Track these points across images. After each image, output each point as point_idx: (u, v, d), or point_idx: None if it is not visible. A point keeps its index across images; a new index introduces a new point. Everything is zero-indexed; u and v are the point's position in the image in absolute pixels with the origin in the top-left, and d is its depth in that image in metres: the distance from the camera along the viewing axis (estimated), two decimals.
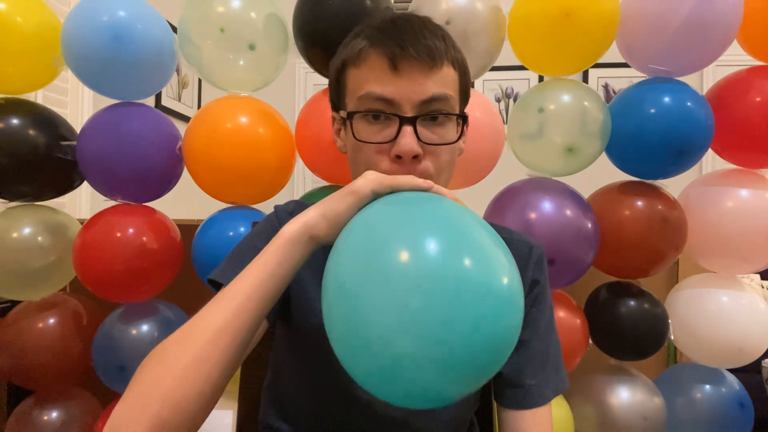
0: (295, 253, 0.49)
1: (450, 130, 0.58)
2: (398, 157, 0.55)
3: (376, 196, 0.50)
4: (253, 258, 0.53)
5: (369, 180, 0.50)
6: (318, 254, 0.61)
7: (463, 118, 0.59)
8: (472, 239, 0.42)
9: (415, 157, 0.55)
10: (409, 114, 0.55)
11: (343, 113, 0.60)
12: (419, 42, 0.54)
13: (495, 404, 0.68)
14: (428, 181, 0.50)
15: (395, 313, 0.38)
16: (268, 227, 0.64)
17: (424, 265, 0.39)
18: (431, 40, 0.55)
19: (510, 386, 0.63)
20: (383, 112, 0.55)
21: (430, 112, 0.55)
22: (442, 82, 0.56)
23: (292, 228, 0.50)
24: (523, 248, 0.67)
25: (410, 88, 0.54)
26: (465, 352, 0.38)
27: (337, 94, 0.62)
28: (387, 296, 0.39)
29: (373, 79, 0.55)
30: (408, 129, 0.54)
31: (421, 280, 0.39)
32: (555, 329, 0.67)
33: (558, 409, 1.12)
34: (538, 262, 0.67)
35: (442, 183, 0.59)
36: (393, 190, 0.49)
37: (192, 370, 0.44)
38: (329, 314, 0.43)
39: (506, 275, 0.41)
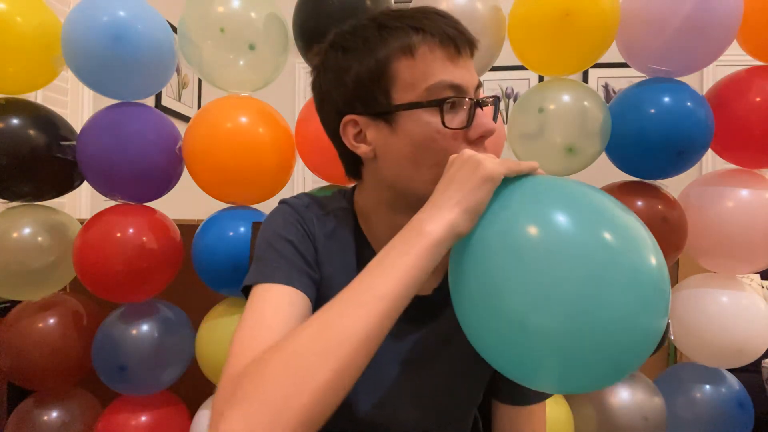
0: (439, 255, 0.46)
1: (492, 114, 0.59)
2: (480, 138, 0.55)
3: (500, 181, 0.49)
4: (292, 252, 0.54)
5: (499, 164, 0.48)
6: (346, 249, 0.60)
7: (496, 104, 0.61)
8: (609, 213, 0.43)
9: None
10: (474, 98, 0.56)
11: (384, 108, 0.55)
12: (461, 27, 0.56)
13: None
14: (534, 162, 0.51)
15: (531, 290, 0.39)
16: (290, 220, 0.60)
17: (563, 238, 0.40)
18: (464, 24, 0.57)
19: (507, 381, 0.62)
20: (464, 96, 0.54)
21: (480, 98, 0.57)
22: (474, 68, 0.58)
23: (437, 229, 0.46)
24: None
25: (471, 73, 0.56)
26: (603, 342, 0.38)
27: (368, 94, 0.56)
28: (522, 273, 0.39)
29: (441, 68, 0.54)
30: (484, 111, 0.55)
31: (557, 254, 0.39)
32: None
33: (558, 409, 1.12)
34: None
35: None
36: (519, 173, 0.49)
37: (333, 384, 0.40)
38: (465, 284, 0.45)
39: (654, 254, 0.41)
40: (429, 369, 0.60)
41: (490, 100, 0.58)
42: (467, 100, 0.54)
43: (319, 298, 0.58)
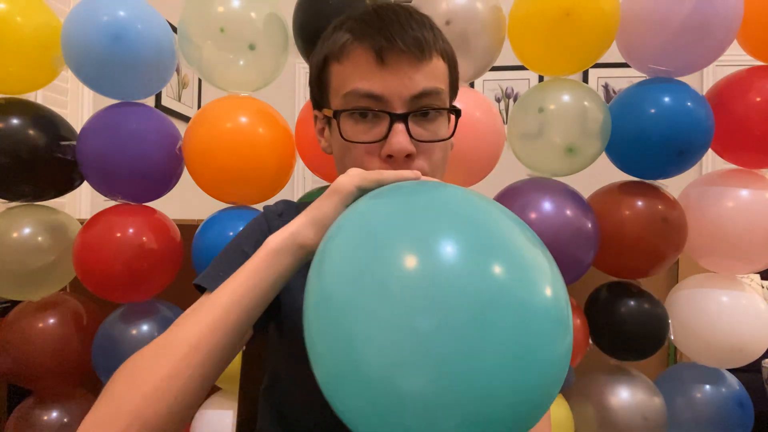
0: (280, 264, 0.46)
1: (442, 126, 0.55)
2: (389, 156, 0.52)
3: (362, 193, 0.46)
4: (240, 263, 0.50)
5: (352, 176, 0.46)
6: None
7: (456, 113, 0.56)
8: (497, 234, 0.33)
9: (408, 156, 0.52)
10: (400, 111, 0.51)
11: (327, 111, 0.57)
12: (407, 33, 0.51)
13: None
14: (416, 171, 0.47)
15: (398, 338, 0.29)
16: (257, 230, 0.61)
17: (437, 271, 0.30)
18: (419, 31, 0.51)
19: None
20: (371, 109, 0.52)
21: (421, 108, 0.52)
22: (433, 75, 0.53)
23: (278, 238, 0.47)
24: None
25: (399, 83, 0.51)
26: (496, 395, 0.28)
27: (319, 92, 0.58)
28: (388, 314, 0.29)
29: (359, 75, 0.51)
30: (399, 127, 0.51)
31: (432, 292, 0.29)
32: None
33: (558, 409, 1.12)
34: None
35: None
36: (380, 185, 0.45)
37: (163, 388, 0.42)
38: (311, 335, 0.34)
39: (549, 284, 0.32)
40: None
41: (435, 111, 0.53)
42: (383, 112, 0.51)
43: (283, 304, 0.59)
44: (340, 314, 0.31)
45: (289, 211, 0.64)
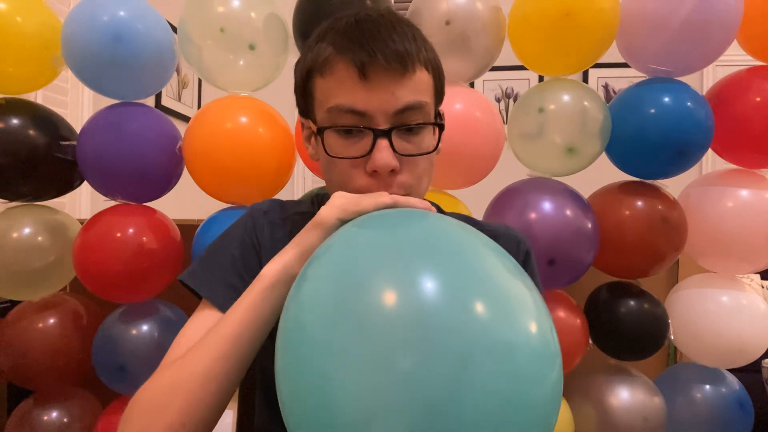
0: (276, 298, 0.48)
1: (427, 138, 0.54)
2: (375, 171, 0.52)
3: (343, 224, 0.47)
4: (228, 266, 0.54)
5: (334, 207, 0.48)
6: None
7: (440, 126, 0.55)
8: (479, 269, 0.32)
9: (392, 171, 0.52)
10: (383, 126, 0.51)
11: (312, 126, 0.57)
12: (388, 47, 0.50)
13: None
14: (393, 196, 0.48)
15: (377, 380, 0.26)
16: (242, 229, 0.62)
17: (418, 307, 0.28)
18: (401, 44, 0.50)
19: None
20: (356, 126, 0.51)
21: (405, 123, 0.52)
22: (416, 88, 0.52)
23: (272, 271, 0.49)
24: (511, 244, 0.64)
25: (382, 99, 0.50)
26: None
27: (304, 102, 0.58)
28: (365, 352, 0.27)
29: (341, 91, 0.51)
30: (383, 143, 0.50)
31: (413, 329, 0.27)
32: None
33: None
34: (525, 258, 0.64)
35: (422, 191, 0.57)
36: (360, 214, 0.46)
37: (181, 421, 0.44)
38: (280, 366, 0.32)
39: (533, 318, 0.30)
40: None
41: (416, 126, 0.52)
42: (365, 129, 0.51)
43: None
44: (312, 352, 0.29)
45: (273, 209, 0.65)
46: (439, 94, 0.58)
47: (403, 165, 0.53)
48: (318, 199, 0.66)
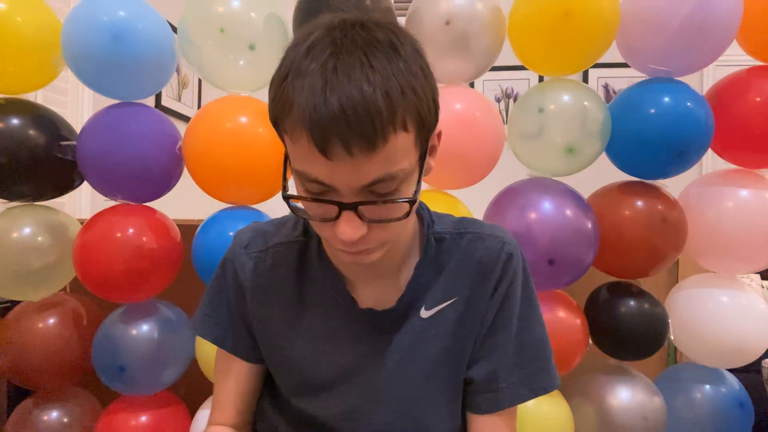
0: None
1: (399, 206, 0.48)
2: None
3: None
4: (226, 310, 0.63)
5: None
6: (285, 286, 0.62)
7: (410, 202, 0.47)
8: None
9: (361, 237, 0.47)
10: (349, 199, 0.45)
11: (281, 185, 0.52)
12: (353, 120, 0.41)
13: None
14: None
15: None
16: (229, 275, 0.64)
17: None
18: (374, 103, 0.41)
19: (479, 393, 0.62)
20: (319, 198, 0.46)
21: (373, 198, 0.46)
22: (389, 159, 0.44)
23: None
24: (494, 244, 0.61)
25: (347, 175, 0.43)
26: None
27: (276, 127, 0.48)
28: None
29: (305, 161, 0.44)
30: (348, 215, 0.46)
31: None
32: (537, 326, 0.62)
33: (558, 409, 1.12)
34: (507, 260, 0.60)
35: (405, 236, 0.58)
36: None
37: None
38: None
39: None
40: (397, 376, 0.60)
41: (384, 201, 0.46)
42: (331, 202, 0.46)
43: (260, 338, 0.64)
44: None
45: (255, 240, 0.63)
46: (425, 137, 0.48)
47: (373, 228, 0.48)
48: (300, 223, 0.64)
